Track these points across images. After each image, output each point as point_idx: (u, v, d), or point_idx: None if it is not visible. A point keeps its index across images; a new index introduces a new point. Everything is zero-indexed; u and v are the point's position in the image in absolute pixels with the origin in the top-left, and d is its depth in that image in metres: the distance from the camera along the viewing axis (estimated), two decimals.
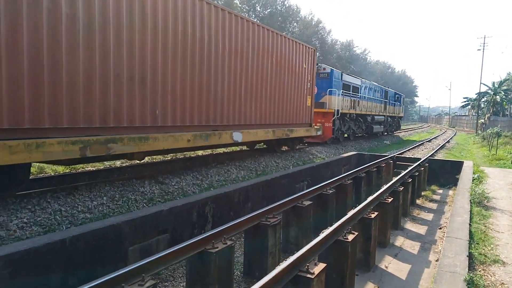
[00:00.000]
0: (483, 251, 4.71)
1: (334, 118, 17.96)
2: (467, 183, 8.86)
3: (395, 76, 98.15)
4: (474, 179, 9.77)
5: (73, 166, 8.61)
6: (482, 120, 48.09)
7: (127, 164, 9.34)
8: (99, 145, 6.03)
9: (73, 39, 5.74)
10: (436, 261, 6.05)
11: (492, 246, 4.96)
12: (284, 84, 12.13)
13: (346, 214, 8.10)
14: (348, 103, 19.93)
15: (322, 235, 4.39)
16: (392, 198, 7.08)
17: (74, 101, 5.82)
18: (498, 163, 15.70)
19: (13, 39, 5.05)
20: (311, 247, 3.98)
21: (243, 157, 11.34)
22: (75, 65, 5.82)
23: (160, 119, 7.42)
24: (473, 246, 4.76)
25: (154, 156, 10.10)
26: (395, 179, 8.41)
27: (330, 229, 4.61)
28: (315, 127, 14.70)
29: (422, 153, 17.62)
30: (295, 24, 51.66)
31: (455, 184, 11.69)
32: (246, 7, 46.15)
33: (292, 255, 3.75)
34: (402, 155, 15.29)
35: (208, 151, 12.16)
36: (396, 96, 32.06)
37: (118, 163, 9.39)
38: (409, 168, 9.99)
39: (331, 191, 7.49)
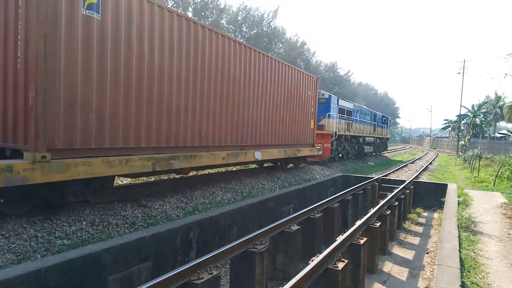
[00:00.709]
0: (474, 279, 4.62)
1: (332, 139, 19.51)
2: (453, 206, 8.86)
3: (378, 97, 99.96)
4: (460, 202, 9.80)
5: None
6: (463, 142, 49.11)
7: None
8: (164, 161, 7.39)
9: (151, 77, 7.20)
10: None
11: (483, 274, 4.87)
12: (293, 110, 13.62)
13: (333, 238, 8.03)
14: (343, 125, 21.56)
15: (311, 264, 4.24)
16: (380, 223, 7.00)
17: (150, 126, 7.24)
18: (481, 185, 15.87)
19: (116, 77, 6.54)
20: (300, 278, 3.82)
21: (228, 178, 11.16)
22: (152, 97, 7.22)
23: (204, 140, 8.83)
24: (464, 274, 4.66)
25: (137, 178, 9.82)
26: (382, 202, 8.35)
27: (320, 257, 4.47)
28: (317, 147, 16.09)
29: (406, 175, 17.74)
30: (280, 45, 52.34)
31: (440, 207, 11.73)
32: (233, 27, 46.62)
33: (281, 287, 3.59)
34: (387, 177, 15.33)
35: (194, 172, 11.94)
36: (384, 118, 34.32)
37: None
38: (395, 191, 9.98)
39: (318, 215, 7.38)
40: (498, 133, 56.77)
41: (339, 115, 20.77)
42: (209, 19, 43.33)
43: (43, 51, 5.35)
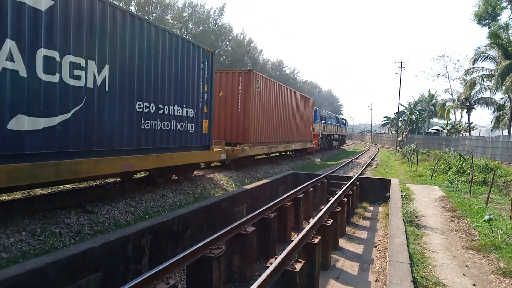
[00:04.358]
0: (423, 273, 4.85)
1: (319, 137, 29.78)
2: (397, 201, 9.29)
3: (322, 95, 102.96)
4: (403, 197, 10.29)
5: None
6: (401, 138, 52.04)
7: (49, 191, 8.43)
8: (270, 148, 17.20)
9: (272, 111, 17.50)
10: (376, 281, 6.17)
11: (430, 267, 5.13)
12: (304, 119, 23.93)
13: (287, 236, 8.10)
14: (322, 127, 31.83)
15: (271, 267, 4.21)
16: (332, 220, 7.14)
17: (268, 132, 17.02)
18: (419, 179, 16.84)
19: (263, 112, 16.86)
20: (260, 284, 3.77)
21: (179, 180, 10.88)
22: (271, 120, 17.38)
23: (279, 138, 18.72)
24: (414, 269, 4.88)
25: (81, 183, 9.25)
26: (332, 199, 8.53)
27: (278, 259, 4.45)
28: (313, 142, 26.30)
29: (352, 172, 18.40)
30: (227, 42, 52.16)
31: (384, 201, 12.29)
32: (178, 24, 45.66)
33: None
34: (335, 174, 15.82)
35: (142, 174, 11.52)
36: (343, 120, 48.09)
37: (39, 191, 8.44)
38: (344, 188, 10.27)
39: (272, 215, 7.38)
40: (432, 129, 60.72)
41: (321, 121, 31.21)
42: (153, 15, 42.08)
43: (250, 106, 14.72)
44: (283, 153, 23.03)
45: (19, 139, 5.65)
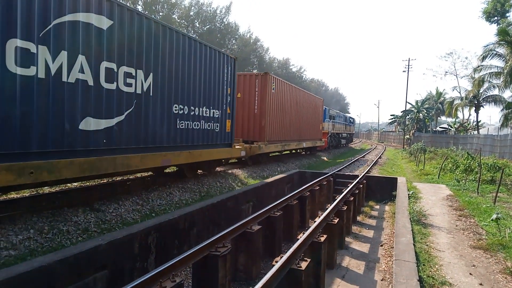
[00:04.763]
0: (430, 272, 4.83)
1: (328, 135, 31.20)
2: (404, 200, 9.24)
3: (329, 93, 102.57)
4: (410, 196, 10.23)
5: None
6: (408, 136, 51.70)
7: (57, 189, 8.51)
8: (283, 146, 18.38)
9: (285, 111, 18.67)
10: (382, 280, 6.15)
11: (437, 266, 5.10)
12: (315, 118, 25.19)
13: (292, 235, 8.10)
14: (331, 126, 33.21)
15: (276, 266, 4.21)
16: (338, 219, 7.12)
17: (281, 130, 18.18)
18: (426, 178, 16.72)
19: (277, 112, 17.75)
20: (265, 282, 3.78)
21: (185, 178, 10.93)
22: (284, 119, 18.47)
23: (291, 136, 19.77)
24: (420, 268, 4.86)
25: (88, 181, 9.32)
26: (338, 198, 8.51)
27: (284, 258, 4.45)
28: (323, 140, 27.71)
29: (359, 170, 18.33)
30: (234, 41, 52.14)
31: (391, 200, 12.23)
32: (185, 23, 45.73)
33: None
34: (341, 172, 15.76)
35: (149, 172, 11.58)
36: (350, 119, 49.35)
37: (46, 189, 8.53)
38: (350, 186, 10.23)
39: (278, 213, 7.39)
40: (439, 127, 60.31)
41: (329, 120, 32.48)
42: (160, 14, 42.20)
43: (266, 107, 15.93)
44: (293, 151, 23.88)
45: (87, 137, 6.75)
